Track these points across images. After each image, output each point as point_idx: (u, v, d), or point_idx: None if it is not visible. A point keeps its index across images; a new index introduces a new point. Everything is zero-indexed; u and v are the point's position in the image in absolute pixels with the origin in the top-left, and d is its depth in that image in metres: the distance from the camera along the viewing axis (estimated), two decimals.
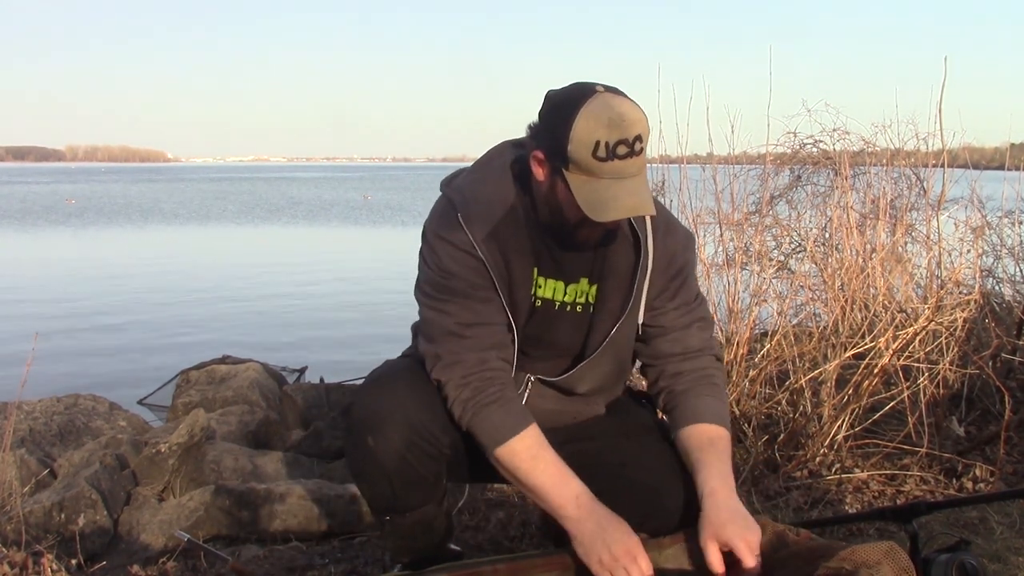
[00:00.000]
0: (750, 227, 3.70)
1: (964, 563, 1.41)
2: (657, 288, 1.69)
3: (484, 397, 1.60)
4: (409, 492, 1.68)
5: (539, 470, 1.58)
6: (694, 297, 1.75)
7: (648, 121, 1.52)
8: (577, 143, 1.47)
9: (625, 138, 1.46)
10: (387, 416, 1.61)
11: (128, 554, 2.94)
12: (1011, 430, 2.89)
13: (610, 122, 1.46)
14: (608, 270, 1.68)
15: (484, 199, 1.64)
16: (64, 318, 9.79)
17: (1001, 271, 3.92)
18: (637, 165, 1.50)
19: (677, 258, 1.71)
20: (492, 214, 1.62)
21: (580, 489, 1.57)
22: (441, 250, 1.63)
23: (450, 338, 1.62)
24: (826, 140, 4.28)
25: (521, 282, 1.66)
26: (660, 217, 1.71)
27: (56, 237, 21.31)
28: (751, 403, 3.07)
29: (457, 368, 1.61)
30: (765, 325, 3.43)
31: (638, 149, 1.49)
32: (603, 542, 1.51)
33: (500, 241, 1.63)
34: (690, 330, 1.72)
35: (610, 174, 1.48)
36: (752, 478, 2.81)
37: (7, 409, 4.35)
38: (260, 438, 4.80)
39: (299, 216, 28.72)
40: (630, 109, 1.49)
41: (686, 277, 1.73)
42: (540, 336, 1.71)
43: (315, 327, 9.27)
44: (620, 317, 1.67)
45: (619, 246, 1.67)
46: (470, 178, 1.68)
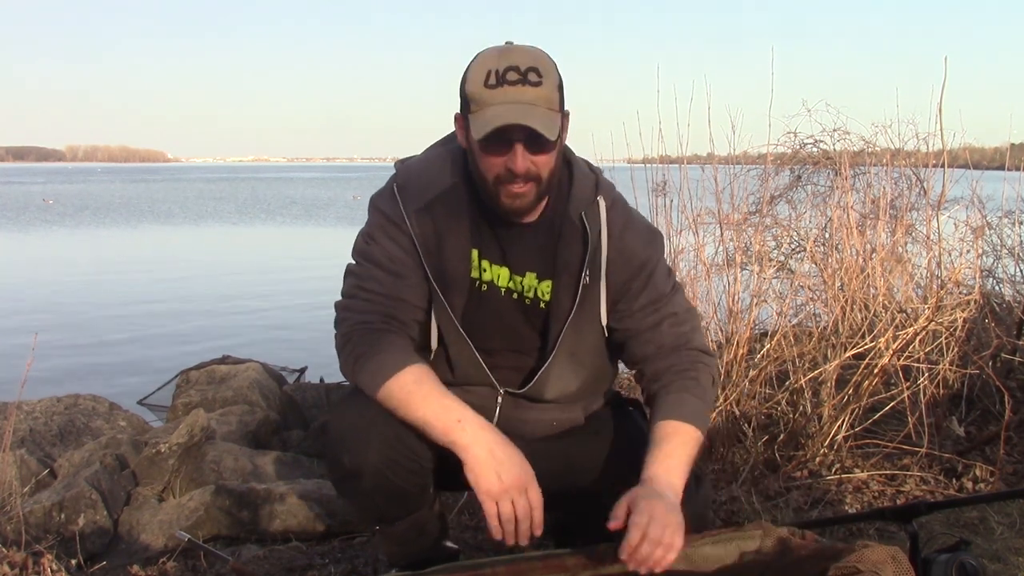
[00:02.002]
0: (750, 227, 3.70)
1: (964, 563, 1.41)
2: (617, 287, 1.64)
3: (361, 348, 1.56)
4: (393, 505, 1.65)
5: (418, 402, 1.51)
6: (662, 295, 1.67)
7: (555, 70, 1.51)
8: (471, 81, 1.49)
9: (515, 65, 1.46)
10: (363, 435, 1.56)
11: (128, 554, 2.94)
12: (1011, 430, 2.89)
13: (500, 53, 1.48)
14: (560, 267, 1.63)
15: (424, 175, 1.64)
16: (64, 318, 9.79)
17: (1001, 271, 3.92)
18: (534, 94, 1.46)
19: (637, 255, 1.65)
20: (429, 190, 1.61)
21: (464, 412, 1.51)
22: (372, 218, 1.65)
23: (351, 300, 1.62)
24: (826, 140, 4.29)
25: (455, 260, 1.62)
26: (619, 214, 1.66)
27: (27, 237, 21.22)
28: (751, 403, 3.07)
29: (343, 324, 1.61)
30: (765, 325, 3.43)
31: (533, 80, 1.46)
32: (493, 470, 1.47)
33: (434, 216, 1.61)
34: (660, 328, 1.66)
35: (501, 99, 1.46)
36: (752, 478, 2.81)
37: (7, 409, 4.34)
38: (260, 438, 4.80)
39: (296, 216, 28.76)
40: (528, 48, 1.50)
41: (650, 274, 1.66)
42: (491, 324, 1.67)
43: (315, 327, 9.26)
44: (570, 313, 1.62)
45: (569, 240, 1.62)
46: (417, 157, 1.70)
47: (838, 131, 4.22)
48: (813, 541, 1.47)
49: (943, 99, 3.53)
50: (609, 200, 1.66)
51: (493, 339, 1.68)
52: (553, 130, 1.47)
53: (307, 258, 17.38)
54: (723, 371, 3.07)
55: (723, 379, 3.06)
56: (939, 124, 3.68)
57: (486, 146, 1.49)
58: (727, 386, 3.04)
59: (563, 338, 1.64)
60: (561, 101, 1.53)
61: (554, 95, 1.50)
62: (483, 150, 1.51)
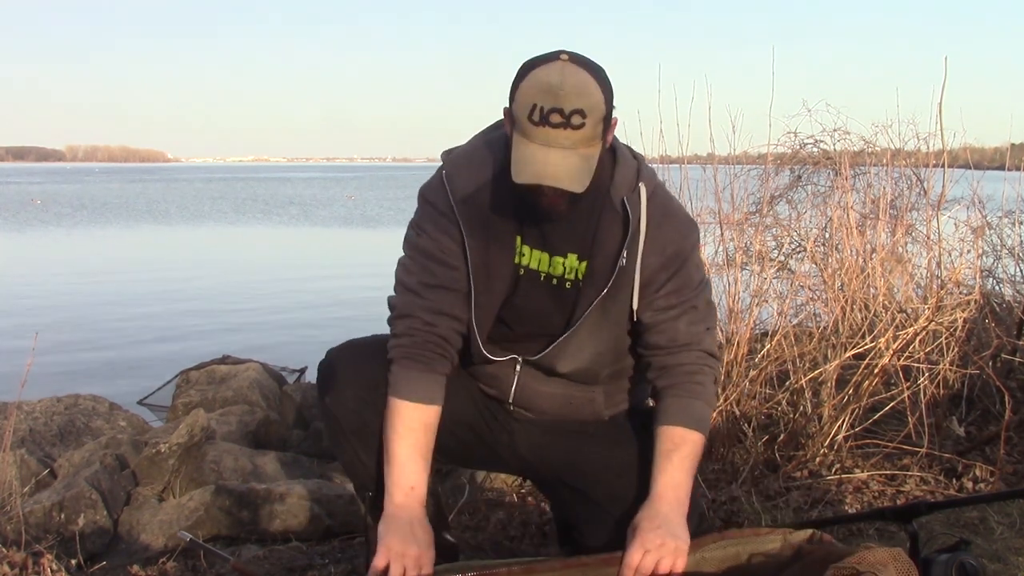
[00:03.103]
0: (750, 227, 3.70)
1: (964, 563, 1.41)
2: (649, 272, 1.66)
3: (417, 352, 1.65)
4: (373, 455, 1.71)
5: (404, 444, 1.62)
6: (691, 288, 1.70)
7: (603, 99, 1.51)
8: (518, 104, 1.50)
9: (559, 107, 1.46)
10: (340, 375, 1.70)
11: (128, 554, 2.93)
12: (1011, 430, 2.89)
13: (549, 88, 1.47)
14: (597, 248, 1.66)
15: (472, 163, 1.67)
16: (64, 318, 9.79)
17: (1001, 271, 3.92)
18: (572, 139, 1.48)
19: (672, 244, 1.67)
20: (476, 178, 1.65)
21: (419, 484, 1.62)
22: (421, 209, 1.70)
23: (409, 295, 1.68)
24: (826, 140, 4.29)
25: (501, 246, 1.66)
26: (659, 203, 1.69)
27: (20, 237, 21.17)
28: (751, 403, 3.07)
29: (407, 320, 1.67)
30: (765, 325, 3.43)
31: (576, 123, 1.47)
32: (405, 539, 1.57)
33: (480, 203, 1.65)
34: (679, 322, 1.69)
35: (540, 140, 1.48)
36: (752, 478, 2.81)
37: (7, 409, 4.35)
38: (260, 438, 4.79)
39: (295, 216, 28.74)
40: (579, 82, 1.48)
41: (681, 265, 1.69)
42: (524, 307, 1.71)
43: (315, 327, 9.26)
44: (601, 292, 1.65)
45: (609, 223, 1.65)
46: (465, 146, 1.74)
47: (838, 131, 4.22)
48: (829, 544, 1.47)
49: (943, 99, 3.54)
50: (651, 188, 1.69)
51: (524, 322, 1.72)
52: (581, 180, 1.50)
53: (307, 258, 17.38)
54: (723, 371, 3.07)
55: (723, 379, 3.06)
56: (939, 124, 3.68)
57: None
58: (727, 386, 3.03)
59: (589, 313, 1.67)
60: (605, 125, 1.54)
61: (596, 129, 1.51)
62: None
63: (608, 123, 1.56)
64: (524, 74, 1.51)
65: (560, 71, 1.48)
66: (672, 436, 1.65)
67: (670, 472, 1.62)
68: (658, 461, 1.64)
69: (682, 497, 1.60)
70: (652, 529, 1.53)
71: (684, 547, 1.53)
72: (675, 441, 1.65)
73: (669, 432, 1.66)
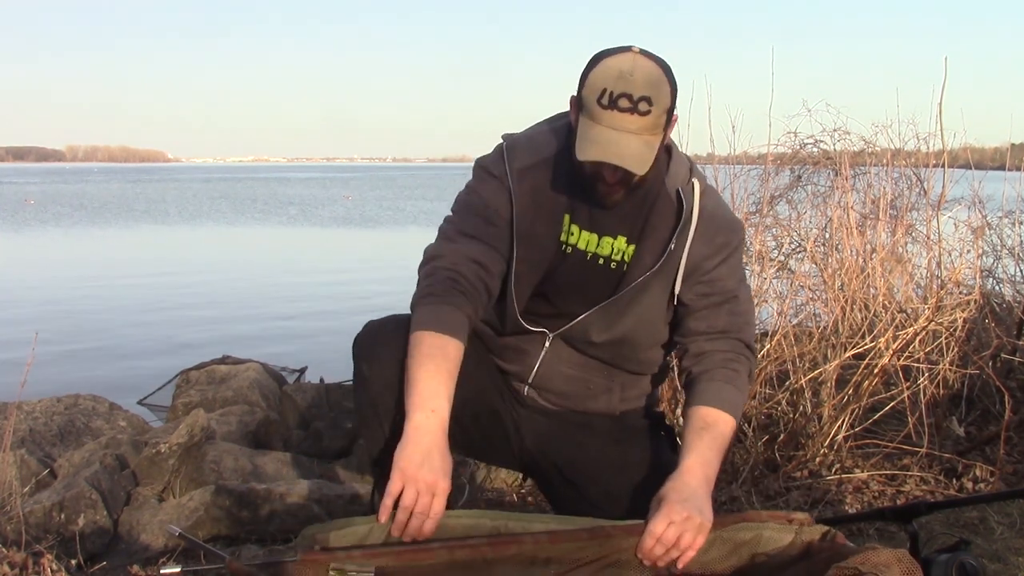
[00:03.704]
0: (750, 227, 3.70)
1: (964, 563, 1.41)
2: (696, 259, 1.70)
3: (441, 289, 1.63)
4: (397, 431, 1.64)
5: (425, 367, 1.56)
6: (734, 279, 1.75)
7: (670, 93, 1.55)
8: (588, 88, 1.54)
9: (628, 92, 1.51)
10: (382, 346, 1.66)
11: (128, 554, 2.93)
12: (1011, 430, 2.89)
13: (620, 74, 1.52)
14: (648, 233, 1.70)
15: (531, 142, 1.73)
16: (63, 318, 9.79)
17: (1001, 271, 3.92)
18: (639, 124, 1.52)
19: (721, 235, 1.72)
20: (534, 154, 1.70)
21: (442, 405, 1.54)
22: (476, 175, 1.75)
23: (444, 241, 1.70)
24: (826, 140, 4.29)
25: (549, 220, 1.70)
26: (711, 198, 1.75)
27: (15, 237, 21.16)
28: (751, 403, 3.07)
29: (434, 262, 1.67)
30: (765, 325, 3.43)
31: (643, 109, 1.52)
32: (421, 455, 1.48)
33: (535, 178, 1.69)
34: (720, 310, 1.73)
35: (608, 123, 1.52)
36: (752, 478, 2.81)
37: (7, 409, 4.34)
38: (260, 438, 4.79)
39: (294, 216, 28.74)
40: (649, 72, 1.53)
41: (727, 257, 1.73)
42: (568, 284, 1.73)
43: (315, 327, 9.26)
44: (651, 269, 1.69)
45: (662, 210, 1.70)
46: (528, 129, 1.78)
47: (838, 131, 4.22)
48: (841, 544, 1.47)
49: (943, 99, 3.54)
50: (703, 185, 1.74)
51: (566, 301, 1.74)
52: (644, 163, 1.55)
53: (307, 258, 17.38)
54: None
55: None
56: (939, 124, 3.69)
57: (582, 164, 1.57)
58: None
59: (632, 288, 1.69)
60: (668, 118, 1.58)
61: (660, 119, 1.55)
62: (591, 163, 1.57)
63: (671, 116, 1.60)
64: (596, 62, 1.56)
65: (632, 60, 1.53)
66: (704, 416, 1.67)
67: (700, 449, 1.62)
68: (688, 438, 1.65)
69: (710, 475, 1.61)
70: (679, 501, 1.53)
71: (707, 524, 1.53)
72: (707, 421, 1.66)
73: (701, 412, 1.68)
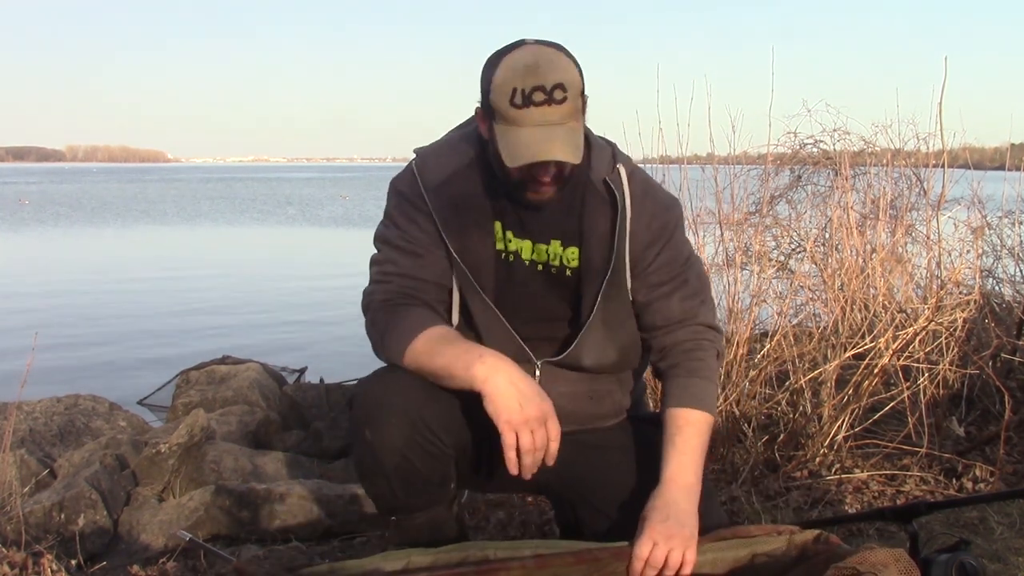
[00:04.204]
0: (750, 227, 3.70)
1: (964, 563, 1.41)
2: (638, 250, 1.65)
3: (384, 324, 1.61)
4: (411, 491, 1.64)
5: (439, 351, 1.55)
6: (679, 263, 1.70)
7: (578, 74, 1.50)
8: (496, 92, 1.49)
9: (541, 84, 1.46)
10: (387, 411, 1.58)
11: (128, 554, 2.93)
12: (1011, 430, 2.89)
13: (526, 69, 1.47)
14: (588, 232, 1.64)
15: (442, 154, 1.66)
16: (63, 318, 9.78)
17: (1001, 271, 3.92)
18: (559, 113, 1.47)
19: (657, 219, 1.66)
20: (447, 166, 1.63)
21: (485, 350, 1.54)
22: (391, 200, 1.68)
23: (373, 286, 1.67)
24: (826, 140, 4.29)
25: (478, 232, 1.64)
26: (639, 181, 1.68)
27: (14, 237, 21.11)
28: (751, 403, 3.07)
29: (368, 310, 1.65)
30: (765, 325, 3.43)
31: (559, 97, 1.46)
32: (515, 399, 1.48)
33: (453, 191, 1.62)
34: (671, 299, 1.68)
35: (529, 121, 1.47)
36: (752, 478, 2.81)
37: (7, 409, 4.34)
38: (260, 438, 4.79)
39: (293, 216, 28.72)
40: (551, 58, 1.48)
41: (668, 239, 1.68)
42: (520, 297, 1.68)
43: (315, 327, 9.26)
44: (604, 277, 1.63)
45: (594, 205, 1.64)
46: (437, 140, 1.72)
47: (838, 131, 4.22)
48: (836, 545, 1.47)
49: (943, 99, 3.54)
50: (629, 168, 1.68)
51: (523, 312, 1.68)
52: (578, 150, 1.50)
53: (306, 258, 17.38)
54: (723, 371, 3.07)
55: (723, 379, 3.06)
56: (939, 124, 3.68)
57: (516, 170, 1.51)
58: (727, 386, 3.03)
59: (599, 303, 1.65)
60: (583, 102, 1.53)
61: (578, 102, 1.51)
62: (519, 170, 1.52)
63: (584, 99, 1.54)
64: (494, 64, 1.51)
65: (533, 53, 1.49)
66: (675, 419, 1.65)
67: (675, 457, 1.61)
68: (664, 447, 1.63)
69: (691, 482, 1.60)
70: (660, 521, 1.52)
71: (694, 537, 1.52)
72: (678, 424, 1.64)
73: (672, 415, 1.66)
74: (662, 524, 1.51)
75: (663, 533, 1.50)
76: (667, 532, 1.50)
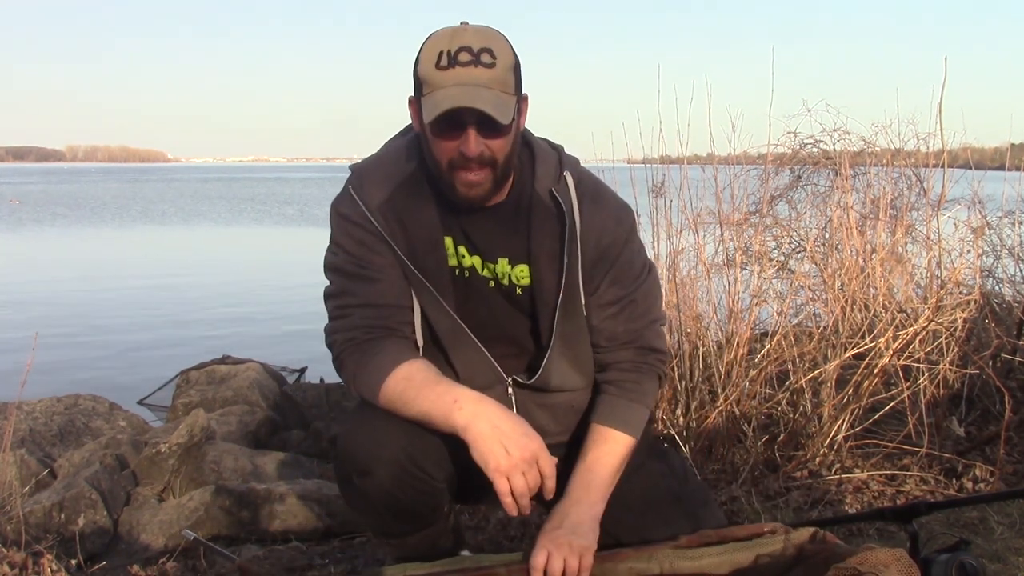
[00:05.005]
0: (750, 227, 3.70)
1: (964, 563, 1.41)
2: (587, 267, 1.58)
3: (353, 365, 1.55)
4: (403, 523, 1.62)
5: (413, 397, 1.48)
6: (630, 280, 1.62)
7: (512, 54, 1.45)
8: (422, 62, 1.43)
9: (468, 46, 1.39)
10: (373, 453, 1.52)
11: (128, 554, 2.93)
12: (1011, 430, 2.89)
13: (453, 34, 1.42)
14: (536, 249, 1.57)
15: (380, 169, 1.58)
16: (64, 318, 9.78)
17: (1001, 271, 3.92)
18: (488, 76, 1.40)
19: (607, 234, 1.58)
20: (387, 182, 1.55)
21: (460, 392, 1.47)
22: (335, 225, 1.59)
23: (334, 323, 1.60)
24: (826, 140, 4.29)
25: (428, 247, 1.56)
26: (588, 188, 1.60)
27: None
28: (751, 403, 3.07)
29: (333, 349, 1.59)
30: (765, 325, 3.42)
31: (486, 61, 1.40)
32: (499, 444, 1.42)
33: (398, 208, 1.55)
34: (617, 321, 1.63)
35: (453, 80, 1.39)
36: (752, 478, 2.81)
37: (7, 409, 4.34)
38: (260, 438, 4.80)
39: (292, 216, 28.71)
40: (481, 29, 1.44)
41: (617, 256, 1.60)
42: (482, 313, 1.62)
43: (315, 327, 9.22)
44: (557, 296, 1.57)
45: (542, 219, 1.56)
46: (371, 156, 1.64)
47: (838, 131, 4.22)
48: (833, 544, 1.47)
49: (943, 99, 3.54)
50: (576, 176, 1.60)
51: (486, 327, 1.62)
52: (506, 113, 1.41)
53: (306, 257, 17.36)
54: (723, 371, 3.07)
55: (723, 379, 3.06)
56: (939, 124, 3.68)
57: (438, 129, 1.43)
58: (727, 386, 3.03)
59: (556, 324, 1.59)
60: (517, 84, 1.47)
61: (508, 77, 1.44)
62: (435, 134, 1.44)
63: (519, 79, 1.47)
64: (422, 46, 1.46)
65: (460, 26, 1.44)
66: (593, 435, 1.62)
67: (582, 473, 1.58)
68: (577, 460, 1.60)
69: (593, 498, 1.56)
70: (552, 530, 1.52)
71: (588, 545, 1.51)
72: (595, 439, 1.61)
73: (592, 430, 1.63)
74: (553, 532, 1.52)
75: (554, 541, 1.50)
76: (558, 540, 1.50)
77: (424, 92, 1.43)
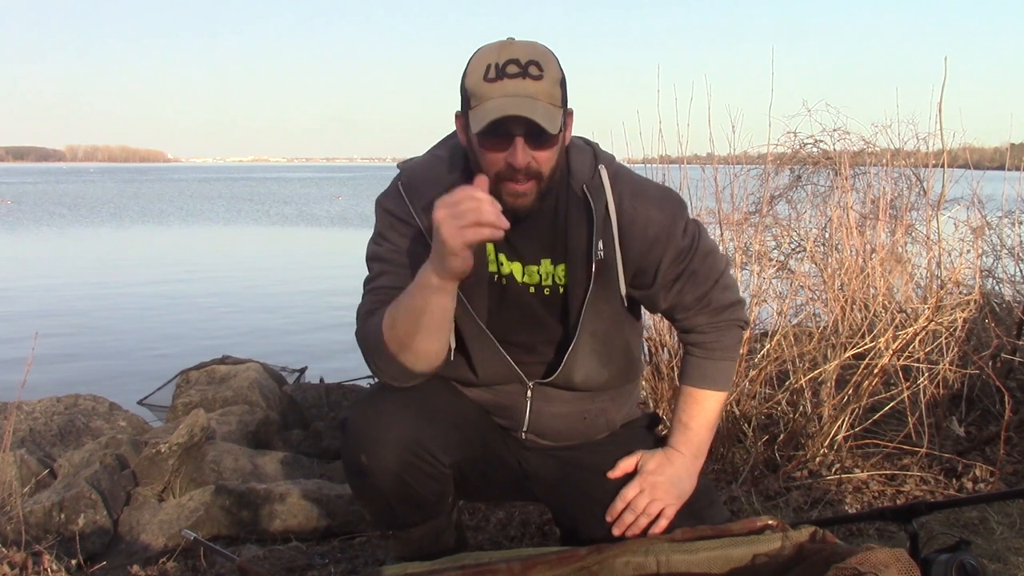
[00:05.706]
0: (750, 227, 3.70)
1: (964, 563, 1.41)
2: (637, 259, 1.61)
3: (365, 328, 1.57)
4: (408, 511, 1.63)
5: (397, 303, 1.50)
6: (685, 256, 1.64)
7: (559, 68, 1.47)
8: (470, 76, 1.46)
9: (515, 58, 1.42)
10: (381, 434, 1.55)
11: (128, 554, 2.93)
12: (1011, 430, 2.89)
13: (501, 47, 1.45)
14: (573, 246, 1.60)
15: (429, 173, 1.61)
16: (63, 319, 9.78)
17: (1001, 271, 3.92)
18: (536, 88, 1.42)
19: (653, 224, 1.60)
20: (434, 186, 1.56)
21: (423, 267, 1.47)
22: (380, 219, 1.64)
23: (370, 296, 1.61)
24: (826, 140, 4.29)
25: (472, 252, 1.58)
26: (624, 181, 1.62)
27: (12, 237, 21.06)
28: (751, 403, 3.07)
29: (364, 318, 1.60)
30: (765, 325, 3.43)
31: (534, 73, 1.42)
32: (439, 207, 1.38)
33: None
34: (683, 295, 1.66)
35: (501, 92, 1.41)
36: (752, 478, 2.81)
37: (7, 409, 4.34)
38: (260, 438, 4.80)
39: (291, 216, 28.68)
40: (530, 43, 1.46)
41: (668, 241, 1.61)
42: (515, 319, 1.64)
43: (315, 327, 9.26)
44: (586, 291, 1.59)
45: (576, 216, 1.59)
46: (420, 156, 1.68)
47: (838, 131, 4.22)
48: (833, 543, 1.47)
49: (943, 99, 3.54)
50: (612, 169, 1.63)
51: (518, 333, 1.66)
52: (554, 123, 1.43)
53: (306, 257, 17.38)
54: None
55: None
56: (939, 124, 3.68)
57: (486, 140, 1.45)
58: None
59: (583, 319, 1.61)
60: (563, 97, 1.49)
61: (555, 90, 1.46)
62: (483, 145, 1.47)
63: (565, 93, 1.49)
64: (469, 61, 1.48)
65: (508, 41, 1.47)
66: (685, 396, 1.71)
67: (681, 431, 1.69)
68: (673, 420, 1.72)
69: (692, 452, 1.68)
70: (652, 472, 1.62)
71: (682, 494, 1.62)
72: (686, 400, 1.71)
73: (684, 392, 1.72)
74: (655, 476, 1.61)
75: (653, 484, 1.59)
76: (656, 485, 1.59)
77: (472, 105, 1.46)
